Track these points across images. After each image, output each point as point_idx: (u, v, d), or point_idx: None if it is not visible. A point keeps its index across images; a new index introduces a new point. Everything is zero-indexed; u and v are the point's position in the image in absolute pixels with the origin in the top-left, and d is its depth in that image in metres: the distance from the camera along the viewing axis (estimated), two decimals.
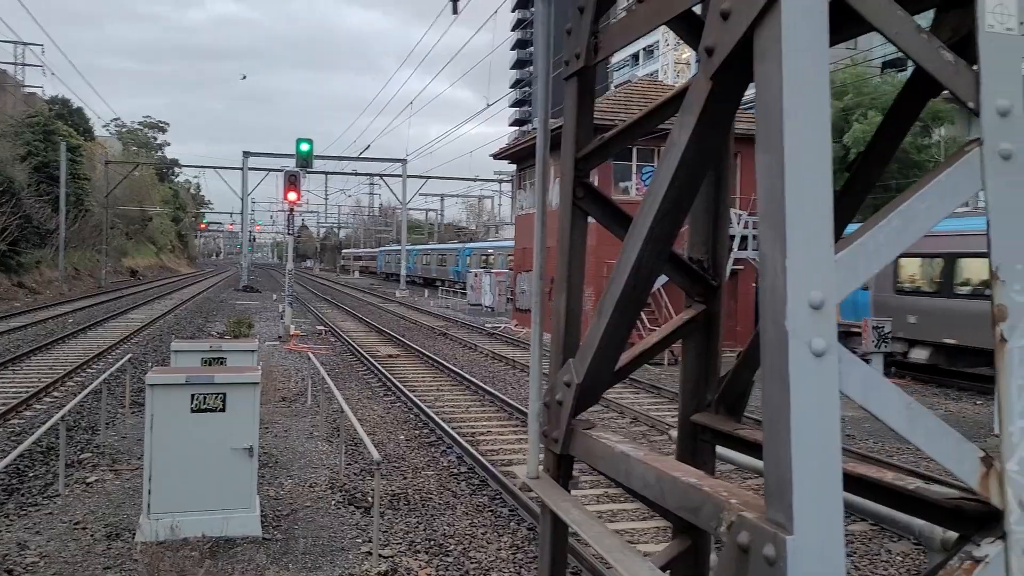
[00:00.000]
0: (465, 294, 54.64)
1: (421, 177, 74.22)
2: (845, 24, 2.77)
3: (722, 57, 2.55)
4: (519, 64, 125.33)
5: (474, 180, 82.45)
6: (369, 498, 10.28)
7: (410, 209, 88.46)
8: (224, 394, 8.95)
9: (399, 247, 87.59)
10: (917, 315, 21.52)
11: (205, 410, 8.90)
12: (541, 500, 3.57)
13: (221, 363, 11.91)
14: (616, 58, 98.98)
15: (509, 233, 59.95)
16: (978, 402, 18.78)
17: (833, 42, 3.06)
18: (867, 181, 3.10)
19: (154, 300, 47.29)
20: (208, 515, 8.77)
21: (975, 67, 2.47)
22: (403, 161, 66.91)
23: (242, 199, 66.69)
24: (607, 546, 2.82)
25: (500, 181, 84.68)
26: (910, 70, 2.92)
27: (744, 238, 25.17)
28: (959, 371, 21.98)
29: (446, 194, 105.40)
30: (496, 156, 38.68)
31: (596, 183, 3.78)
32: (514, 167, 40.00)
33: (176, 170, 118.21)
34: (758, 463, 3.79)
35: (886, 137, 3.06)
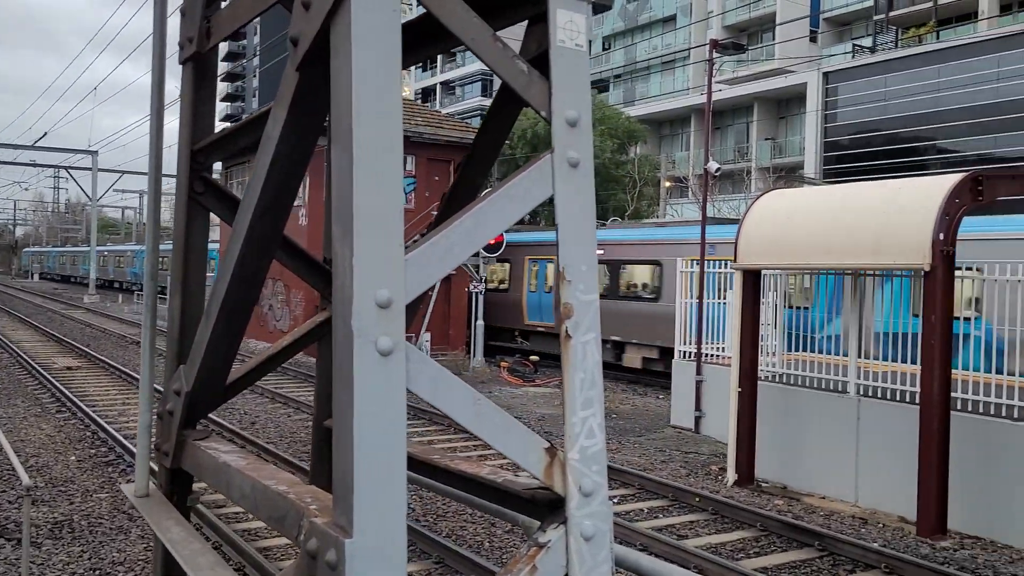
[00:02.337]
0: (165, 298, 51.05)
1: (115, 172, 67.94)
2: (434, 34, 2.83)
3: (305, 48, 2.49)
4: (231, 56, 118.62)
5: (174, 177, 76.65)
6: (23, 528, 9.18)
7: (103, 206, 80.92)
8: None
9: (44, 249, 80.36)
10: None
11: None
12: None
13: None
14: None
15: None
16: (660, 396, 20.63)
17: (426, 54, 3.14)
18: (472, 186, 3.21)
19: None
20: None
21: (550, 79, 2.62)
22: (93, 153, 61.02)
23: None
24: (198, 565, 2.66)
25: (224, 188, 79.83)
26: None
27: None
28: (650, 370, 24.14)
29: (146, 191, 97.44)
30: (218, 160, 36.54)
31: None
32: (219, 165, 38.02)
33: None
34: None
35: (485, 145, 3.18)
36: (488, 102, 67.61)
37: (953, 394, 9.66)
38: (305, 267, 3.55)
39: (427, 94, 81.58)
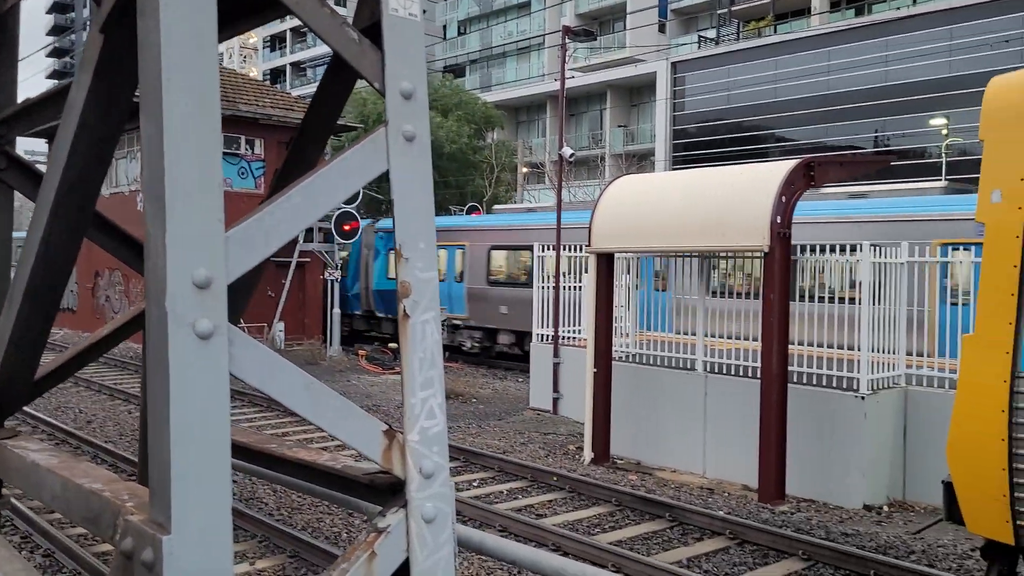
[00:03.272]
0: None
1: None
2: (260, 0, 2.68)
3: (109, 7, 2.29)
4: (57, 30, 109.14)
5: None
6: None
7: None
8: None
9: None
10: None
11: None
12: None
13: None
14: None
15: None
16: (520, 380, 20.84)
17: (254, 22, 2.97)
18: (304, 162, 3.07)
19: None
20: None
21: (383, 49, 2.52)
22: None
23: None
24: (3, 573, 2.42)
25: (30, 164, 74.31)
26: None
27: (309, 230, 25.18)
28: (506, 353, 24.46)
29: None
30: (25, 133, 34.06)
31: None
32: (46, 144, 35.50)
33: None
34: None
35: (318, 118, 3.06)
36: None
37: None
38: (124, 248, 3.29)
39: (276, 75, 79.08)
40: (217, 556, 2.00)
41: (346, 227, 23.15)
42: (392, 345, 23.75)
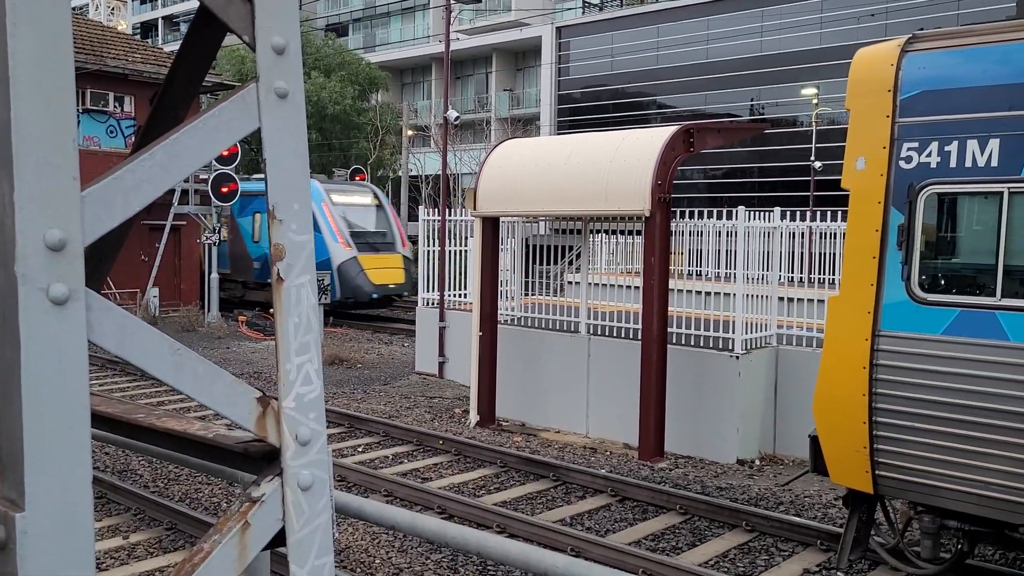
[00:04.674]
0: None
1: None
2: None
3: None
4: None
5: None
6: None
7: None
8: None
9: None
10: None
11: None
12: None
13: None
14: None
15: None
16: (405, 344, 20.74)
17: None
18: (170, 119, 2.92)
19: None
20: None
21: (253, 1, 2.40)
22: None
23: None
24: None
25: None
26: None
27: (185, 192, 24.18)
28: (393, 317, 24.24)
29: None
30: None
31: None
32: None
33: None
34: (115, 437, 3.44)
35: (185, 72, 2.91)
36: None
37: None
38: None
39: (147, 29, 75.01)
40: (76, 533, 1.91)
41: (224, 189, 22.29)
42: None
